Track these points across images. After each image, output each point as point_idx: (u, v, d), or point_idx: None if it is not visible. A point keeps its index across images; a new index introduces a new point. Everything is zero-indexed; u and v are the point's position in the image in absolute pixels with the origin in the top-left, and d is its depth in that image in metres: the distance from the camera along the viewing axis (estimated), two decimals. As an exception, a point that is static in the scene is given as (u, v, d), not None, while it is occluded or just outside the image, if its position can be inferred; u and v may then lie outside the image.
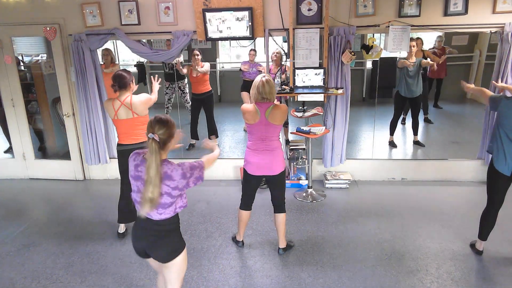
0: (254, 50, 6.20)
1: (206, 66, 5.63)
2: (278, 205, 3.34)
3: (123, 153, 3.42)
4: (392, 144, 5.71)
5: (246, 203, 3.40)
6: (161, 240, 2.22)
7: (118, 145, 3.55)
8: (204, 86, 5.72)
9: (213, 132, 5.94)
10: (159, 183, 2.07)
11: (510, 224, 3.83)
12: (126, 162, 3.47)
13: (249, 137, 3.19)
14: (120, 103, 3.36)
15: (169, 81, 6.41)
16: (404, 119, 6.40)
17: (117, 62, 5.25)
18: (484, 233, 3.31)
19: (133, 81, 3.46)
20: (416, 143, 5.69)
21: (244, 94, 5.92)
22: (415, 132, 5.69)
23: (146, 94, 3.51)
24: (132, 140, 3.48)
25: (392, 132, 5.73)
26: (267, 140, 3.12)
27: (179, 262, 2.28)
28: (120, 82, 3.34)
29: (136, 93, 3.57)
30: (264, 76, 3.04)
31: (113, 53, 5.00)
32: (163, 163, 2.13)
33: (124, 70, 3.49)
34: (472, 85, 3.41)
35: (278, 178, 3.23)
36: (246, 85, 5.94)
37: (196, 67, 5.46)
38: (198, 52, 5.46)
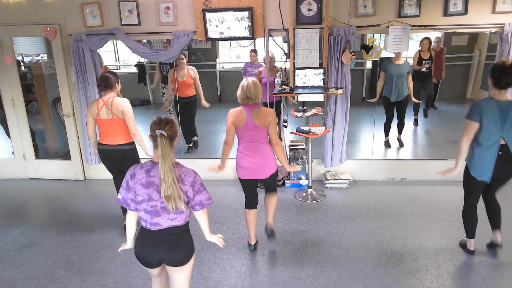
0: (255, 51, 6.16)
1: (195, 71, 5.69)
2: (272, 188, 3.42)
3: (103, 152, 3.65)
4: (387, 145, 5.74)
5: (250, 202, 3.40)
6: (179, 243, 2.22)
7: (99, 144, 3.67)
8: (190, 90, 5.68)
9: (192, 134, 5.90)
10: (176, 178, 2.08)
11: (510, 224, 3.83)
12: (107, 159, 3.63)
13: (239, 141, 3.24)
14: (103, 102, 3.49)
15: (166, 84, 6.44)
16: (416, 120, 6.42)
17: (106, 65, 5.28)
18: (470, 231, 3.33)
19: (118, 82, 3.58)
20: (398, 140, 5.78)
21: None
22: (399, 131, 5.77)
23: (129, 105, 3.52)
24: (111, 140, 3.58)
25: (386, 133, 5.75)
26: (257, 143, 3.16)
27: (192, 263, 2.31)
28: (105, 83, 3.48)
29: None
30: (250, 78, 3.15)
31: (101, 58, 5.03)
32: (176, 165, 2.14)
33: (110, 71, 3.62)
34: (452, 169, 3.15)
35: (270, 179, 3.29)
36: None
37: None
38: (183, 56, 5.44)
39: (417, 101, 5.78)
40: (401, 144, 5.74)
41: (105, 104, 3.47)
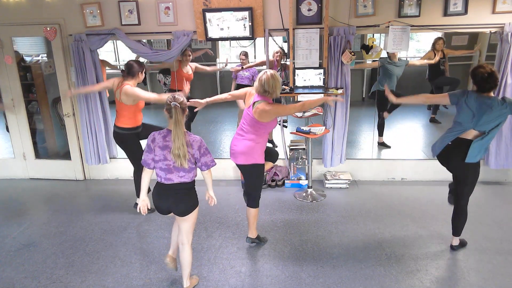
0: (245, 53, 5.90)
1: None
2: (248, 198, 3.45)
3: (113, 134, 4.05)
4: (383, 145, 5.66)
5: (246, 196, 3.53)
6: (183, 197, 2.75)
7: (114, 125, 4.03)
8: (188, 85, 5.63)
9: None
10: (185, 142, 2.61)
11: (510, 223, 3.83)
12: (119, 141, 4.08)
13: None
14: (121, 85, 3.78)
15: (165, 74, 6.36)
16: (432, 118, 6.42)
17: (103, 59, 5.26)
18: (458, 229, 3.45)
19: (142, 72, 3.84)
20: (383, 144, 5.66)
21: None
22: (380, 133, 5.67)
23: (140, 90, 3.79)
24: (118, 122, 3.94)
25: (380, 133, 5.69)
26: (245, 130, 3.24)
27: (194, 215, 2.82)
28: (128, 70, 3.78)
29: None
30: (269, 71, 3.14)
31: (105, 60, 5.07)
32: (185, 133, 2.65)
33: (135, 60, 3.91)
34: (396, 98, 3.32)
35: (243, 169, 3.34)
36: (239, 89, 5.88)
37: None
38: (190, 53, 5.39)
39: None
40: (387, 146, 5.63)
41: (119, 88, 3.77)
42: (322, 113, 4.56)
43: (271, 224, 3.94)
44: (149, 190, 3.86)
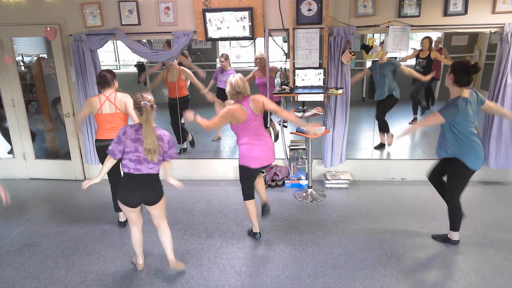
0: (225, 56, 5.76)
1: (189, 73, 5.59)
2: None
3: (102, 148, 3.68)
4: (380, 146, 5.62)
5: (251, 192, 3.57)
6: (152, 187, 2.96)
7: (97, 140, 3.78)
8: (181, 91, 5.57)
9: (185, 134, 5.76)
10: (156, 137, 2.79)
11: (510, 223, 3.83)
12: (105, 156, 3.57)
13: (241, 135, 3.37)
14: (105, 98, 3.66)
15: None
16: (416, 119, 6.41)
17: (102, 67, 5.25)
18: (459, 223, 3.47)
19: (115, 80, 3.76)
20: (387, 143, 5.61)
21: (217, 102, 5.85)
22: (386, 132, 5.57)
23: (131, 98, 3.69)
24: (111, 135, 3.60)
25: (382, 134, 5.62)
26: (260, 131, 3.38)
27: (163, 201, 3.07)
28: (104, 81, 3.68)
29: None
30: (237, 75, 3.30)
31: None
32: (156, 127, 2.85)
33: (107, 70, 3.81)
34: (407, 132, 3.47)
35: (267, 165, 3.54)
36: (220, 92, 5.83)
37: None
38: None
39: (426, 79, 5.59)
40: (390, 143, 5.54)
41: (108, 99, 3.64)
42: (322, 113, 4.56)
43: (271, 224, 3.94)
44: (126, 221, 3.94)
